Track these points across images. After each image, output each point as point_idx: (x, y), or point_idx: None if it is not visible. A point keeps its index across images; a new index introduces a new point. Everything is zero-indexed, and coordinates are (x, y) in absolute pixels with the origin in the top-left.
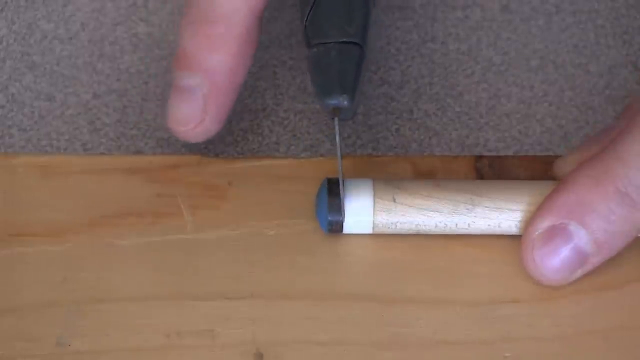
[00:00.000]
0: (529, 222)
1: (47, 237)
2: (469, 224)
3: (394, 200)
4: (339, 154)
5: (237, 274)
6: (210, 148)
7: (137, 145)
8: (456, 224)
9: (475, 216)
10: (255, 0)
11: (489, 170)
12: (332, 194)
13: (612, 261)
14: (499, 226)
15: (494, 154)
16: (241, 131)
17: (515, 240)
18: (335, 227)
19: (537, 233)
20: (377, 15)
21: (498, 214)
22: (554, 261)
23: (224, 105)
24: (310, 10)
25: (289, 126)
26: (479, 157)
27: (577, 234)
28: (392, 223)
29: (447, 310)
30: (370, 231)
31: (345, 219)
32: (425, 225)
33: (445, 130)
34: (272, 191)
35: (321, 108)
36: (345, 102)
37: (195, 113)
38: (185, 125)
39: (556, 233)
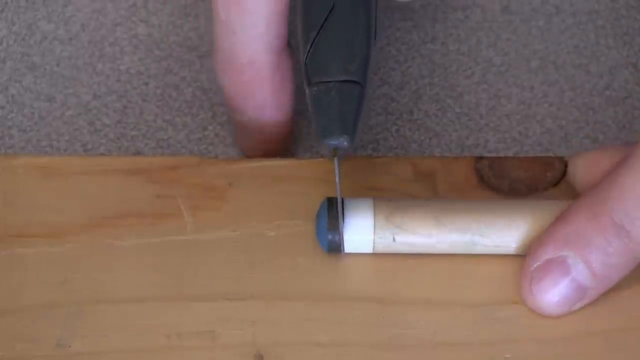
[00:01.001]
0: (528, 253)
1: (47, 238)
2: (467, 254)
3: (394, 240)
4: (338, 193)
5: (238, 275)
6: (210, 149)
7: (137, 146)
8: (455, 253)
9: (474, 252)
10: (274, 40)
11: (489, 171)
12: (331, 220)
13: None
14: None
15: (494, 154)
16: None
17: None
18: (334, 252)
19: (535, 265)
20: (377, 52)
21: (498, 251)
22: (552, 295)
23: (282, 132)
24: (310, 48)
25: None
26: (479, 158)
27: (576, 267)
28: (391, 254)
29: (447, 311)
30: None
31: (344, 253)
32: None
33: (445, 131)
34: (273, 192)
35: (322, 144)
36: (346, 143)
37: (257, 144)
38: (251, 153)
39: (555, 266)
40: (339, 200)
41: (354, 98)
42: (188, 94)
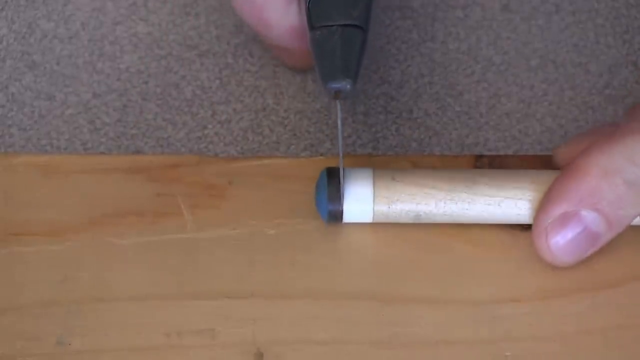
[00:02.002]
0: (540, 209)
1: (48, 236)
2: (468, 203)
3: (393, 179)
4: (339, 136)
5: (238, 273)
6: (210, 148)
7: (137, 145)
8: (456, 203)
9: (474, 194)
10: None
11: None
12: (331, 182)
13: (611, 260)
14: (499, 205)
15: (494, 153)
16: (241, 130)
17: (516, 239)
18: (335, 215)
19: (549, 221)
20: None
21: (497, 190)
22: (568, 246)
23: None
24: None
25: (289, 125)
26: (479, 157)
27: (589, 217)
28: (392, 203)
29: (447, 309)
30: (370, 218)
31: (345, 204)
32: (425, 205)
33: (445, 130)
34: (272, 190)
35: (323, 89)
36: (348, 86)
37: (289, 59)
38: (288, 66)
39: (569, 219)
40: (340, 145)
41: (357, 42)
42: (188, 92)
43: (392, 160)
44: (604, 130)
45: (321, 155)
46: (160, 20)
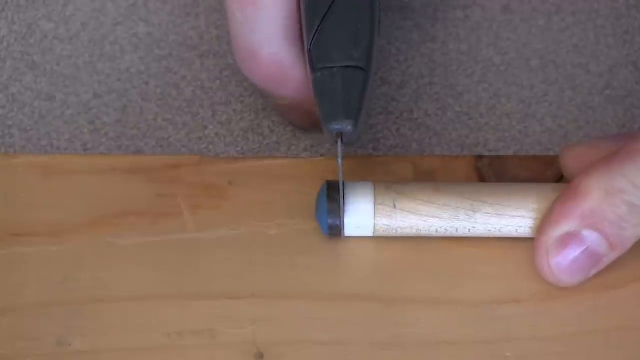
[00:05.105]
0: (541, 229)
1: (48, 237)
2: (469, 230)
3: (395, 207)
4: (340, 177)
5: (238, 274)
6: (211, 148)
7: (137, 145)
8: (456, 229)
9: (475, 222)
10: (292, 29)
11: (489, 170)
12: (331, 199)
13: (613, 261)
14: (499, 231)
15: (494, 154)
16: (242, 131)
17: (516, 240)
18: (335, 232)
19: (551, 241)
20: (382, 44)
21: (498, 220)
22: (570, 267)
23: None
24: (314, 34)
25: (290, 126)
26: (480, 157)
27: (591, 238)
28: (392, 229)
29: (447, 310)
30: (370, 235)
31: (346, 224)
32: (425, 231)
33: (445, 130)
34: (273, 191)
35: (325, 132)
36: (349, 127)
37: (302, 117)
38: (299, 125)
39: (571, 240)
40: (341, 185)
41: (358, 83)
42: (188, 93)
43: (393, 161)
44: (616, 139)
45: (321, 156)
46: (160, 21)
